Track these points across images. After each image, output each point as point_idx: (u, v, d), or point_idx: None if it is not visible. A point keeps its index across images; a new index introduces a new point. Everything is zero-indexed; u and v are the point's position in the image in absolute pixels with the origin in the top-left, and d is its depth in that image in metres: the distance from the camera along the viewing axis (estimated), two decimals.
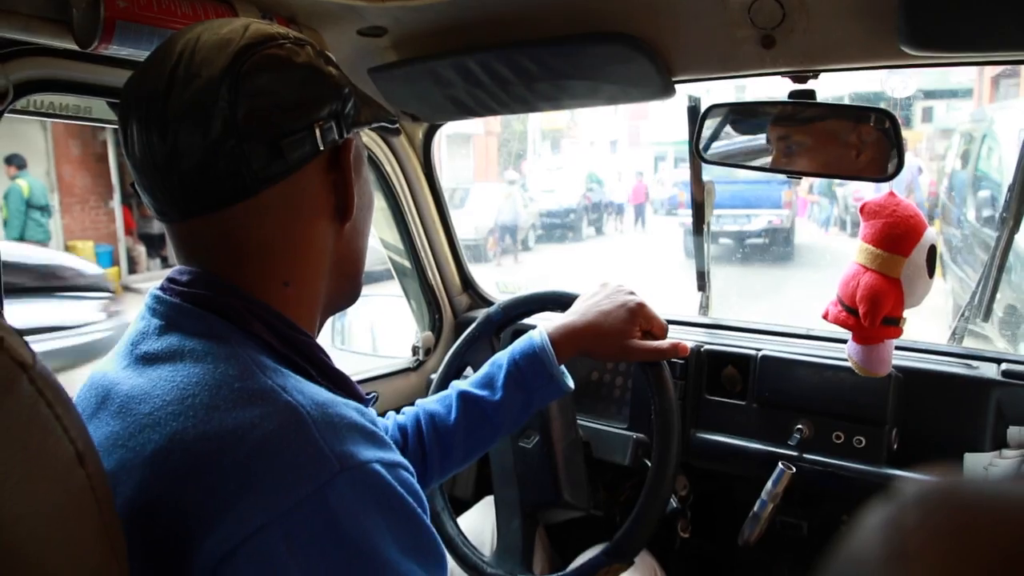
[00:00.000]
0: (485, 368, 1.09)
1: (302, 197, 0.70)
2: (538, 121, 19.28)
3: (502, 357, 1.08)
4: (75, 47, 0.97)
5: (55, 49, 1.02)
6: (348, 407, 0.63)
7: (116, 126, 1.24)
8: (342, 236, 0.76)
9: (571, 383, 1.09)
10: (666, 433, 1.09)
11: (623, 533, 1.09)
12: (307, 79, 0.69)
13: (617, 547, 1.09)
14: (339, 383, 0.71)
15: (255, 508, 0.55)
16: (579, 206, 15.26)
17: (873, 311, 1.09)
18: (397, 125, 0.83)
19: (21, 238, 7.56)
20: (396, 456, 0.63)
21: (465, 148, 17.32)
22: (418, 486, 0.64)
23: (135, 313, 0.73)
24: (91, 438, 0.54)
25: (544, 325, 1.09)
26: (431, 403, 1.10)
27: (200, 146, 0.64)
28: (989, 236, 4.91)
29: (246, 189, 0.66)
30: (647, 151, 24.72)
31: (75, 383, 0.71)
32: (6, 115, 1.03)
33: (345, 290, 0.81)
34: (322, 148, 0.69)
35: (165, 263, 10.49)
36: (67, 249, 8.99)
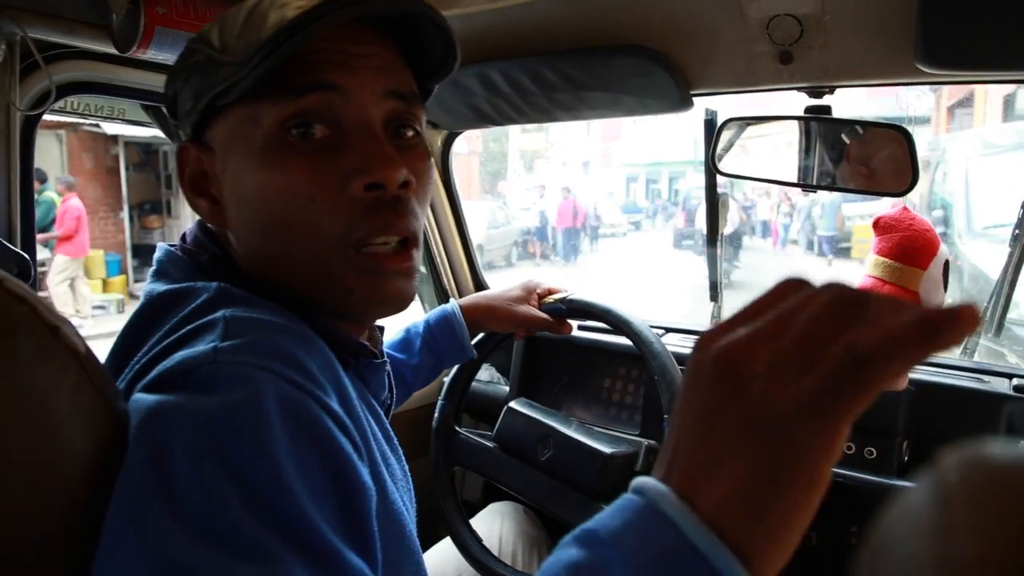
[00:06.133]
0: (400, 333, 1.21)
1: None
2: (517, 141, 19.53)
3: (418, 324, 1.22)
4: (114, 51, 1.00)
5: (95, 52, 1.05)
6: (288, 340, 0.57)
7: (148, 127, 1.28)
8: (236, 243, 0.68)
9: (475, 352, 1.26)
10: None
11: None
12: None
13: None
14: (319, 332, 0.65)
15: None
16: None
17: None
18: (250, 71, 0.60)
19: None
20: (300, 378, 0.54)
21: None
22: (314, 415, 0.54)
23: None
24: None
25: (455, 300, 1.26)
26: None
27: None
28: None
29: None
30: (619, 172, 25.00)
31: None
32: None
33: (313, 302, 0.67)
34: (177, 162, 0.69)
35: None
36: None
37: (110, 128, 8.92)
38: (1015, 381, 1.21)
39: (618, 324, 1.24)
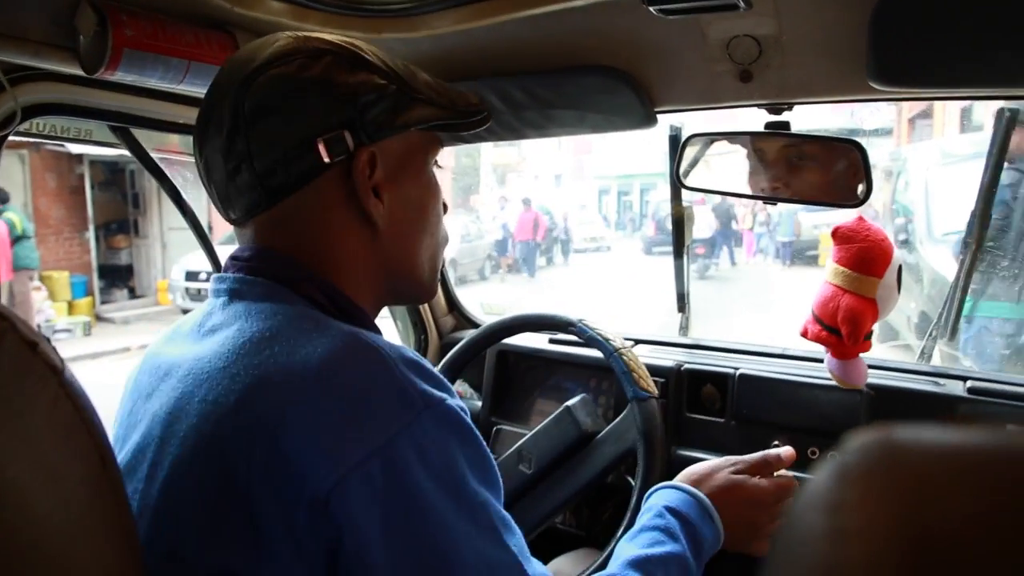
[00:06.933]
0: None
1: (321, 207, 0.72)
2: (489, 156, 19.71)
3: None
4: (81, 72, 1.00)
5: (61, 74, 1.05)
6: (411, 351, 0.67)
7: (114, 149, 1.27)
8: (379, 243, 0.75)
9: None
10: (651, 449, 1.14)
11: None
12: (310, 94, 0.69)
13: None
14: None
15: (356, 444, 0.59)
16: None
17: (855, 332, 1.17)
18: (468, 119, 0.79)
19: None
20: (458, 398, 0.67)
21: None
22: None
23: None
24: (111, 445, 0.56)
25: None
26: None
27: (222, 164, 0.70)
28: (903, 256, 5.52)
29: (264, 201, 0.71)
30: (591, 185, 25.28)
31: None
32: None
33: (403, 290, 0.82)
34: (328, 161, 0.69)
35: (132, 294, 10.53)
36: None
37: (75, 147, 8.76)
38: (969, 383, 1.25)
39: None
